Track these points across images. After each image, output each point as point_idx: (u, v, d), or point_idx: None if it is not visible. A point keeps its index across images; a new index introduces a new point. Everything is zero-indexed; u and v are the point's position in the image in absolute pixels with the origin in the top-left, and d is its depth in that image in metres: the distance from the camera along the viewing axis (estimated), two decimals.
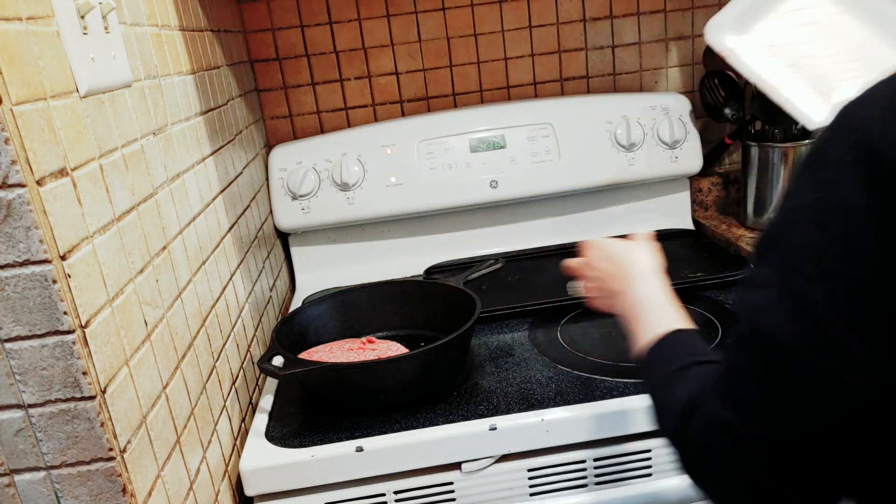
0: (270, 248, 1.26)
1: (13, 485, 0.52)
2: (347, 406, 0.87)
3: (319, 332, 1.02)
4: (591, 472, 0.84)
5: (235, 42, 1.21)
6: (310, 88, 1.37)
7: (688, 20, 1.41)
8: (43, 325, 0.49)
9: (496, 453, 0.82)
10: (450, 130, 1.30)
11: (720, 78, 1.33)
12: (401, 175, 1.29)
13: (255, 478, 0.79)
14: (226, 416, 0.83)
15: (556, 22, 1.38)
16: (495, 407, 0.84)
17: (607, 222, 1.39)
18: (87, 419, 0.52)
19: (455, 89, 1.40)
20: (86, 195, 0.54)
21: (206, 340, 0.79)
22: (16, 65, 0.47)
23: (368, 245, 1.36)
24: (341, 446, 0.80)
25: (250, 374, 0.96)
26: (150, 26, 0.75)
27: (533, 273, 1.25)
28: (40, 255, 0.48)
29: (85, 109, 0.56)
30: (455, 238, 1.37)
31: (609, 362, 0.92)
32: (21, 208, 0.47)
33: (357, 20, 1.34)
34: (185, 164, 0.81)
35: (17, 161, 0.46)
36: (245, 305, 0.99)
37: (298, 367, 0.84)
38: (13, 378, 0.50)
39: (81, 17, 0.57)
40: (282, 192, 1.28)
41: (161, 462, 0.61)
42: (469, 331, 0.89)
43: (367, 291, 1.07)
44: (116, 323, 0.56)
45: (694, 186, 1.46)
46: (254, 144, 1.25)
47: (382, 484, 0.82)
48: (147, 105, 0.71)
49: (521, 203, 1.35)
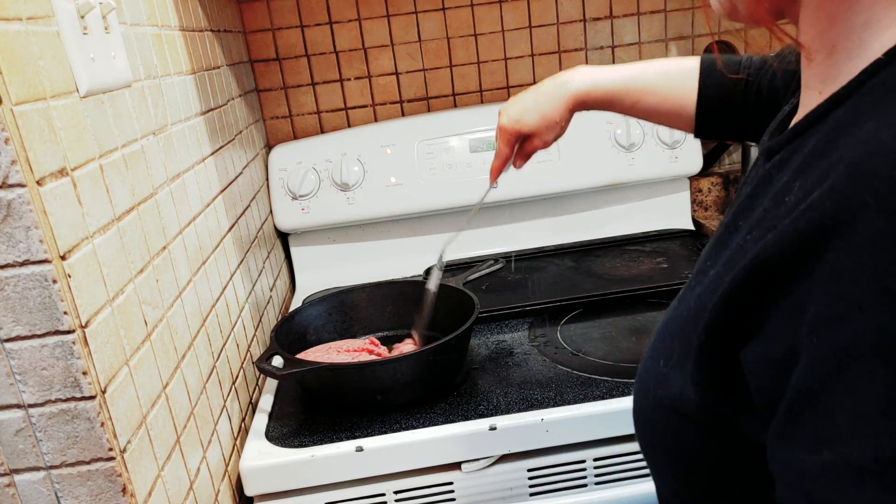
0: (270, 248, 1.26)
1: (13, 485, 0.52)
2: (346, 406, 0.87)
3: (319, 332, 1.02)
4: (591, 472, 0.84)
5: (235, 42, 1.21)
6: (310, 88, 1.37)
7: (688, 20, 1.41)
8: (43, 325, 0.49)
9: (496, 453, 0.82)
10: (450, 130, 1.30)
11: None
12: (401, 175, 1.29)
13: (255, 478, 0.79)
14: (226, 416, 0.83)
15: (556, 22, 1.38)
16: (495, 407, 0.84)
17: (607, 222, 1.39)
18: (87, 419, 0.52)
19: (455, 89, 1.40)
20: (86, 195, 0.54)
21: (206, 340, 0.79)
22: (16, 65, 0.47)
23: (368, 245, 1.36)
24: (341, 446, 0.80)
25: (250, 374, 0.96)
26: (150, 26, 0.75)
27: (533, 273, 1.25)
28: (40, 255, 0.48)
29: (85, 109, 0.56)
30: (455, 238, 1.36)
31: (609, 362, 0.92)
32: (21, 208, 0.47)
33: (357, 20, 1.34)
34: (185, 164, 0.81)
35: (17, 161, 0.46)
36: (245, 305, 0.99)
37: (297, 368, 0.84)
38: (13, 378, 0.50)
39: (81, 17, 0.57)
40: (282, 192, 1.28)
41: (161, 462, 0.61)
42: (468, 331, 0.89)
43: (367, 291, 1.07)
44: (116, 323, 0.56)
45: (694, 186, 1.46)
46: (254, 144, 1.25)
47: (382, 484, 0.82)
48: (147, 105, 0.71)
49: (521, 203, 1.35)
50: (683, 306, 0.46)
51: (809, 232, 0.33)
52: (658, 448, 0.49)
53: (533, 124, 0.80)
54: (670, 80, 0.77)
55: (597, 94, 0.78)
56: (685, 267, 1.20)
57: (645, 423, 0.49)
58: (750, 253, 0.37)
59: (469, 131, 1.30)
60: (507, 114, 0.82)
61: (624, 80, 0.77)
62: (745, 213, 0.44)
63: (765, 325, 0.36)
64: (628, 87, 0.77)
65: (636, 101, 0.78)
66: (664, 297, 1.09)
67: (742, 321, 0.38)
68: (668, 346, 0.46)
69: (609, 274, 1.21)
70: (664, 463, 0.49)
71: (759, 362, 0.36)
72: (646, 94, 0.77)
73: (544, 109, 0.79)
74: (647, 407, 0.48)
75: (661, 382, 0.45)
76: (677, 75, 0.77)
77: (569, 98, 0.78)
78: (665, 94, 0.77)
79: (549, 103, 0.79)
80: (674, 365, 0.44)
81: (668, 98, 0.77)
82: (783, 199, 0.38)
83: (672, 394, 0.44)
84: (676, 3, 1.40)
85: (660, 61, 0.79)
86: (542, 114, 0.79)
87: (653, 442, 0.49)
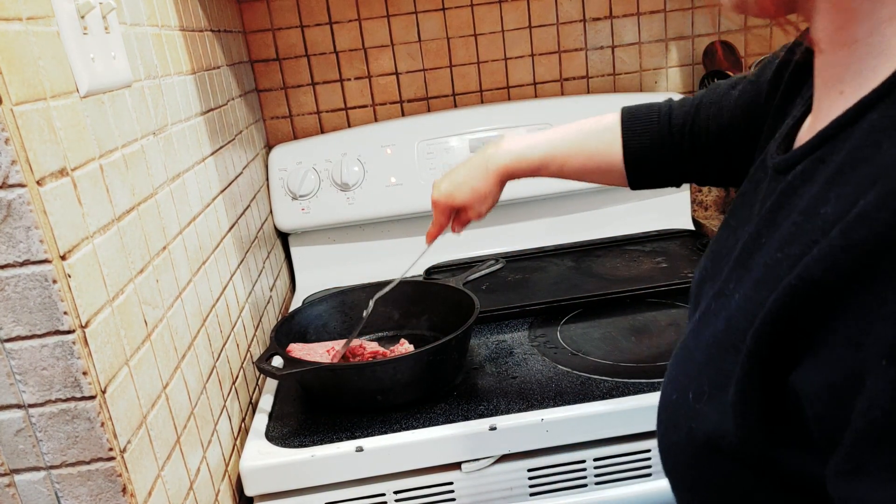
0: (270, 248, 1.26)
1: (13, 485, 0.52)
2: (346, 406, 0.87)
3: (319, 332, 1.02)
4: (591, 472, 0.84)
5: (235, 42, 1.21)
6: (310, 88, 1.37)
7: (688, 20, 1.41)
8: (43, 325, 0.49)
9: (496, 453, 0.82)
10: (450, 130, 1.30)
11: (720, 78, 1.33)
12: (401, 175, 1.29)
13: (255, 478, 0.79)
14: (226, 416, 0.83)
15: (556, 22, 1.38)
16: (495, 407, 0.84)
17: (607, 222, 1.39)
18: (87, 419, 0.52)
19: (455, 89, 1.40)
20: (86, 195, 0.54)
21: (206, 340, 0.79)
22: (16, 65, 0.47)
23: (368, 245, 1.36)
24: (341, 446, 0.80)
25: (250, 374, 0.97)
26: (150, 26, 0.75)
27: (533, 273, 1.25)
28: (40, 255, 0.48)
29: (85, 109, 0.56)
30: (455, 238, 1.36)
31: (609, 362, 0.92)
32: (21, 208, 0.47)
33: (357, 20, 1.34)
34: (185, 164, 0.81)
35: (17, 161, 0.46)
36: (245, 305, 0.99)
37: (296, 368, 0.84)
38: (13, 378, 0.50)
39: (81, 17, 0.57)
40: (282, 192, 1.28)
41: (161, 462, 0.62)
42: (468, 331, 0.89)
43: (367, 291, 1.07)
44: (116, 323, 0.56)
45: (694, 186, 1.46)
46: (254, 144, 1.25)
47: (382, 484, 0.82)
48: (147, 105, 0.71)
49: (521, 203, 1.35)
50: (708, 332, 0.43)
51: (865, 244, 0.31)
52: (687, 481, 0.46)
53: (464, 198, 0.83)
54: (592, 139, 0.77)
55: (521, 165, 0.80)
56: (685, 267, 1.20)
57: (676, 460, 0.47)
58: (794, 271, 0.34)
59: (469, 131, 1.30)
60: (439, 189, 0.85)
61: (546, 148, 0.79)
62: (768, 230, 0.41)
63: (818, 348, 0.33)
64: (552, 154, 0.78)
65: (562, 166, 0.79)
66: (664, 297, 1.09)
67: (790, 345, 0.35)
68: (694, 377, 0.43)
69: (609, 274, 1.21)
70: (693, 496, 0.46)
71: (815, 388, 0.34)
72: (570, 157, 0.78)
73: (473, 184, 0.82)
74: (679, 443, 0.45)
75: (694, 417, 0.43)
76: (599, 133, 0.77)
77: (495, 172, 0.81)
78: (590, 154, 0.78)
79: (477, 177, 0.82)
80: (707, 399, 0.41)
81: (592, 157, 0.78)
82: (816, 210, 0.36)
83: (708, 429, 0.41)
84: (676, 3, 1.40)
85: (583, 122, 0.80)
86: (472, 188, 0.82)
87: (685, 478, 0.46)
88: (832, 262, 0.32)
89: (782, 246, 0.38)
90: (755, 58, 1.36)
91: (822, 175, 0.38)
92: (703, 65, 1.40)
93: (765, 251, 0.40)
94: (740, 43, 1.43)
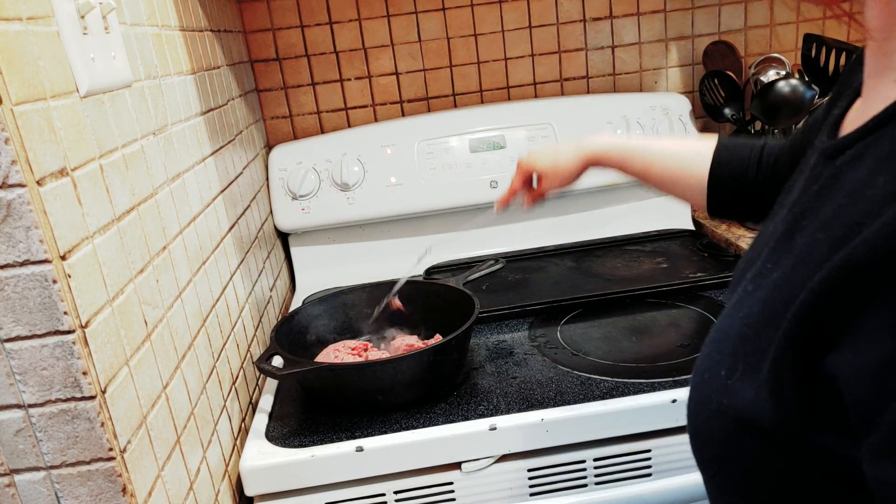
0: (270, 248, 1.26)
1: (13, 485, 0.52)
2: (346, 406, 0.87)
3: (319, 332, 1.02)
4: (591, 472, 0.84)
5: (235, 42, 1.21)
6: (310, 88, 1.37)
7: (688, 20, 1.41)
8: (43, 325, 0.49)
9: (496, 453, 0.82)
10: (450, 130, 1.30)
11: (720, 78, 1.33)
12: (401, 175, 1.29)
13: (255, 478, 0.79)
14: (226, 416, 0.83)
15: (556, 22, 1.38)
16: (495, 407, 0.84)
17: (607, 222, 1.39)
18: (87, 419, 0.52)
19: (455, 89, 1.40)
20: (86, 195, 0.54)
21: (206, 340, 0.79)
22: (16, 65, 0.47)
23: (368, 245, 1.36)
24: (341, 446, 0.80)
25: (250, 374, 0.97)
26: (150, 26, 0.75)
27: (533, 273, 1.25)
28: (40, 255, 0.48)
29: (85, 109, 0.56)
30: (455, 238, 1.37)
31: (609, 362, 0.92)
32: (21, 208, 0.47)
33: (357, 20, 1.34)
34: (185, 164, 0.81)
35: (17, 161, 0.46)
36: (245, 305, 0.99)
37: (297, 368, 0.84)
38: (13, 378, 0.50)
39: (81, 17, 0.57)
40: (282, 192, 1.28)
41: (161, 462, 0.62)
42: (468, 331, 0.89)
43: (367, 291, 1.07)
44: (116, 323, 0.56)
45: None
46: (254, 144, 1.25)
47: (382, 484, 0.82)
48: (147, 105, 0.71)
49: (521, 203, 1.35)
50: (743, 311, 0.43)
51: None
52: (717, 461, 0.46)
53: (544, 165, 0.90)
54: (685, 150, 0.81)
55: (610, 153, 0.86)
56: (685, 267, 1.20)
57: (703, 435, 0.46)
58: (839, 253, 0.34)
59: (469, 131, 1.30)
60: (529, 153, 0.93)
61: (638, 144, 0.84)
62: (812, 212, 0.41)
63: (857, 332, 0.33)
64: (642, 153, 0.83)
65: (647, 167, 0.83)
66: (664, 297, 1.09)
67: (830, 326, 0.35)
68: (728, 355, 0.43)
69: (609, 274, 1.21)
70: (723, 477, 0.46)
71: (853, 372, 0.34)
72: (657, 160, 0.83)
73: (558, 157, 0.89)
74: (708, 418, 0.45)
75: (727, 393, 0.43)
76: (695, 148, 0.81)
77: (583, 152, 0.87)
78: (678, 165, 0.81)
79: (565, 152, 0.89)
80: (741, 376, 0.41)
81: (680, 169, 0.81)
82: (863, 194, 0.36)
83: (741, 406, 0.41)
84: (676, 3, 1.40)
85: (677, 140, 0.85)
86: (555, 159, 0.89)
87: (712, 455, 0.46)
88: (880, 245, 0.32)
89: (824, 227, 0.38)
90: (755, 58, 1.36)
91: (871, 159, 0.38)
92: (703, 65, 1.40)
93: (806, 232, 0.40)
94: (740, 43, 1.44)
